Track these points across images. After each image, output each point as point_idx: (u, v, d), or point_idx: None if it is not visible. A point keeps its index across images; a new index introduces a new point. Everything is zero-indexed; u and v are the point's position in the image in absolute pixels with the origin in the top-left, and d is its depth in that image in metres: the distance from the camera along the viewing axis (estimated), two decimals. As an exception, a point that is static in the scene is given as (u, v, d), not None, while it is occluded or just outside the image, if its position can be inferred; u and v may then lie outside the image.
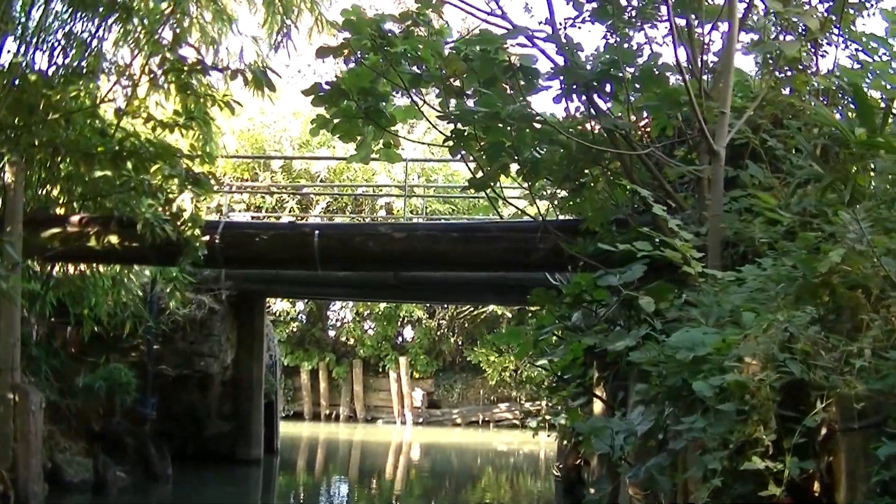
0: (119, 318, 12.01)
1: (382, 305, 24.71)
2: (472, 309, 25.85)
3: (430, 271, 12.11)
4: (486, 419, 26.24)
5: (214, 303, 13.44)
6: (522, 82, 7.51)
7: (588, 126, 8.04)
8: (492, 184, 8.38)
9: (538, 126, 7.76)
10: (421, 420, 25.98)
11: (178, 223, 9.12)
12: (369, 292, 13.97)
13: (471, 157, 8.44)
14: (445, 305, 25.61)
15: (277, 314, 24.77)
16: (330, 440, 23.15)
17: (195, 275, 13.18)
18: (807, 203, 5.86)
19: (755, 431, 3.92)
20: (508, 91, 7.66)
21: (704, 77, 7.51)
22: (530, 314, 13.30)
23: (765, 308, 4.57)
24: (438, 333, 26.70)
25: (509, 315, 24.49)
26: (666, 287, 6.63)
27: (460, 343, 26.75)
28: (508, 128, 7.60)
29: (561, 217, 9.41)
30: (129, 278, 11.95)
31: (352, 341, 26.30)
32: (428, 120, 9.16)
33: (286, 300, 23.94)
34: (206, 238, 9.39)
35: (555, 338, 9.37)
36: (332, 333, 27.04)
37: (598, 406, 9.49)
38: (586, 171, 8.38)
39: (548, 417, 11.40)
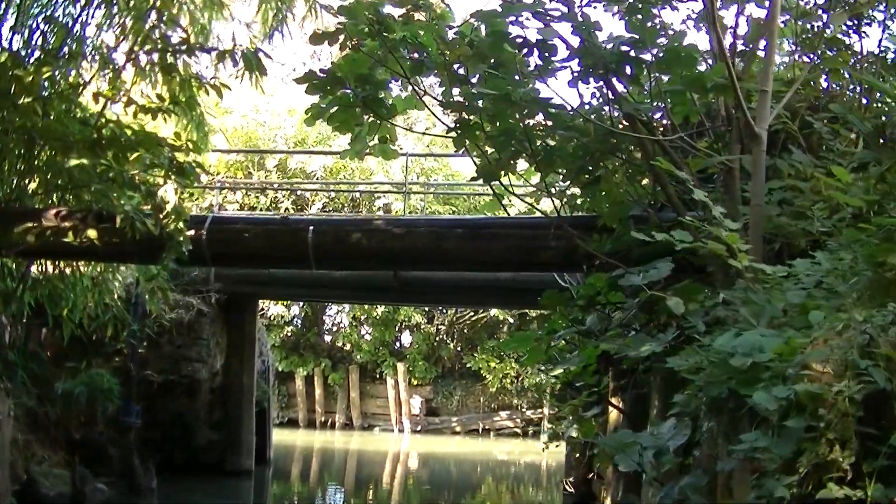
0: (101, 320, 11.31)
1: (380, 310, 24.19)
2: (471, 314, 25.39)
3: (432, 271, 11.42)
4: (487, 427, 25.74)
5: (203, 305, 12.75)
6: (538, 62, 6.84)
7: (605, 113, 7.40)
8: (501, 175, 7.71)
9: (552, 111, 7.13)
10: (419, 428, 25.48)
11: (161, 216, 8.42)
12: (367, 294, 13.26)
13: (476, 151, 7.90)
14: (445, 310, 25.11)
15: (272, 318, 24.19)
16: (325, 449, 22.54)
17: (183, 275, 12.53)
18: (856, 191, 5.22)
19: (830, 452, 3.27)
20: (517, 78, 7.02)
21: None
22: (535, 318, 12.67)
23: (829, 306, 3.92)
24: (437, 339, 26.20)
25: (511, 320, 24.05)
26: (694, 287, 6.04)
27: (460, 349, 26.26)
28: (518, 115, 6.96)
29: (573, 213, 8.77)
30: (113, 278, 11.25)
31: (348, 346, 25.73)
32: (430, 110, 8.59)
33: (280, 303, 23.36)
34: (192, 233, 8.68)
35: (564, 343, 8.89)
36: (328, 338, 26.50)
37: (612, 416, 8.86)
38: (602, 163, 7.76)
39: (550, 426, 10.77)
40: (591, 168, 7.79)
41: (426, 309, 25.22)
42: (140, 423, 12.15)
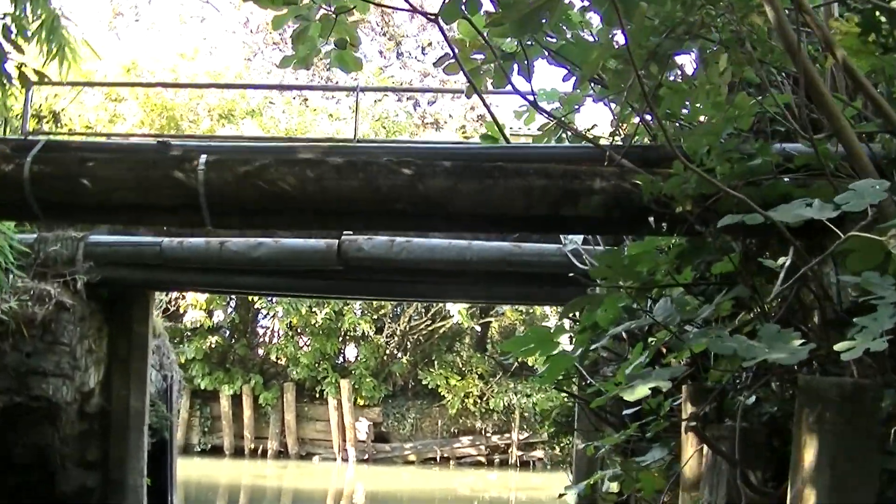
0: None
1: (320, 317, 21.57)
2: (428, 321, 23.18)
3: (400, 230, 7.95)
4: (445, 456, 23.39)
5: (66, 296, 9.08)
6: None
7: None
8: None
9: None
10: (366, 457, 23.05)
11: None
12: (299, 282, 9.51)
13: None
14: (400, 310, 22.67)
15: (191, 325, 21.41)
16: (253, 486, 19.67)
17: (37, 251, 9.00)
18: None
19: None
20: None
21: None
22: (529, 321, 9.28)
23: None
24: (387, 352, 23.80)
25: (478, 328, 21.75)
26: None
27: (414, 363, 23.94)
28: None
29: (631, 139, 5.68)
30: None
31: (283, 360, 23.12)
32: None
33: (198, 306, 20.36)
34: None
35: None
36: (260, 352, 23.86)
37: (691, 467, 5.51)
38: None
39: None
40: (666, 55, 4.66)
41: (374, 317, 23.01)
42: (-33, 465, 8.52)
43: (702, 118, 4.93)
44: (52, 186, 5.71)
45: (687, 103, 4.88)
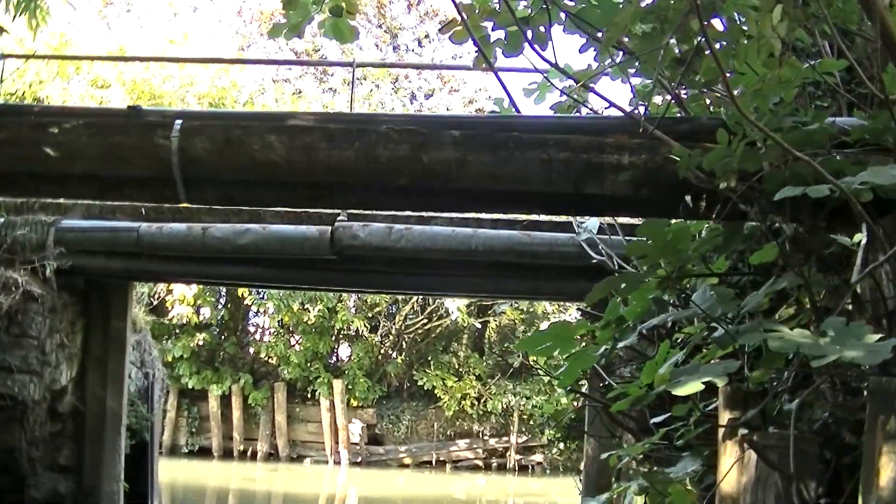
0: None
1: (313, 314, 20.87)
2: (424, 321, 22.49)
3: (400, 208, 7.23)
4: (441, 459, 22.75)
5: (34, 285, 8.39)
6: None
7: None
8: None
9: None
10: (359, 459, 22.46)
11: None
12: (290, 273, 8.83)
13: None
14: (396, 305, 22.14)
15: (176, 321, 20.64)
16: (242, 489, 19.09)
17: (5, 235, 8.36)
18: None
19: None
20: None
21: None
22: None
23: None
24: (382, 351, 23.17)
25: (478, 325, 21.27)
26: None
27: (409, 363, 23.33)
28: None
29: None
30: None
31: (274, 359, 22.40)
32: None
33: (185, 302, 19.60)
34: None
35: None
36: (250, 350, 23.17)
37: (729, 482, 4.87)
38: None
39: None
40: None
41: (369, 315, 22.28)
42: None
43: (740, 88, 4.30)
44: (4, 154, 5.08)
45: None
